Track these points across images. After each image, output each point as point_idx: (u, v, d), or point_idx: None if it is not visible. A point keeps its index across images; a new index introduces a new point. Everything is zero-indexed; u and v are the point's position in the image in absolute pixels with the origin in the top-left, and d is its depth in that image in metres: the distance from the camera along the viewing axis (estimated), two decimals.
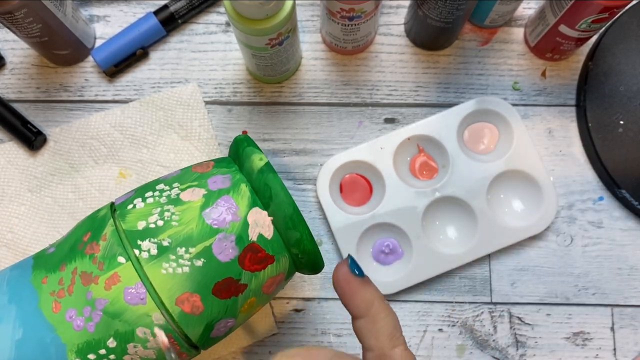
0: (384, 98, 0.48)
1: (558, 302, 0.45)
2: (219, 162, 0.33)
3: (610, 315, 0.45)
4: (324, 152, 0.47)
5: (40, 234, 0.46)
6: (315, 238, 0.46)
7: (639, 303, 0.45)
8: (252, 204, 0.30)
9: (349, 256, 0.28)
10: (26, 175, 0.46)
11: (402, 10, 0.49)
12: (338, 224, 0.44)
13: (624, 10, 0.45)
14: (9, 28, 0.41)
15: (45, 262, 0.31)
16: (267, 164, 0.30)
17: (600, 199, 0.47)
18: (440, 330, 0.45)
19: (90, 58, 0.48)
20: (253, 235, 0.30)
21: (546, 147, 0.47)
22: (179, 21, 0.48)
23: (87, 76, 0.48)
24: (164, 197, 0.30)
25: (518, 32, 0.49)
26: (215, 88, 0.48)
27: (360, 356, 0.27)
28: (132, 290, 0.28)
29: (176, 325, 0.29)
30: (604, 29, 0.47)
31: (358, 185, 0.46)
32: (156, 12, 0.47)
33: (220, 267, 0.29)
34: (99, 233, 0.30)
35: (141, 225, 0.29)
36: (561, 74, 0.48)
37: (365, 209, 0.45)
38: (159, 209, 0.30)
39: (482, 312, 0.45)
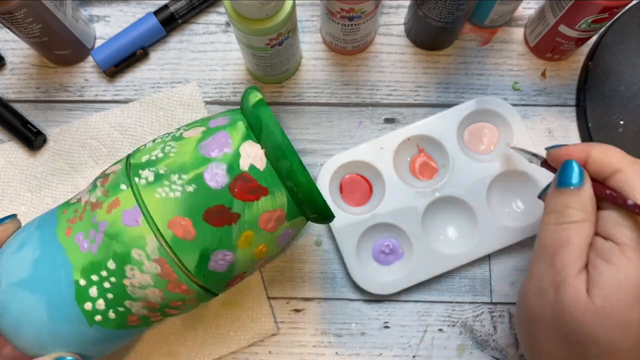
0: (384, 98, 0.48)
1: None
2: (224, 112, 0.35)
3: None
4: (324, 152, 0.47)
5: None
6: (315, 238, 0.46)
7: None
8: (246, 137, 0.32)
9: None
10: (26, 175, 0.46)
11: (402, 10, 0.49)
12: (338, 224, 0.44)
13: (624, 10, 0.45)
14: (9, 28, 0.41)
15: (68, 202, 0.35)
16: (261, 99, 0.32)
17: None
18: (440, 330, 0.45)
19: (90, 58, 0.48)
20: (244, 165, 0.31)
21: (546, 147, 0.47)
22: (179, 21, 0.48)
23: (87, 76, 0.48)
24: (169, 137, 0.33)
25: (518, 32, 0.49)
26: (215, 88, 0.48)
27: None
28: (129, 213, 0.30)
29: (170, 248, 0.31)
30: (604, 29, 0.47)
31: (358, 186, 0.46)
32: (156, 12, 0.47)
33: (210, 193, 0.31)
34: (112, 168, 0.34)
35: (144, 158, 0.32)
36: (561, 74, 0.48)
37: (365, 209, 0.45)
38: (162, 145, 0.33)
39: (482, 312, 0.45)
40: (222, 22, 0.49)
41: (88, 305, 0.31)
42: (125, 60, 0.47)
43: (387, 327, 0.45)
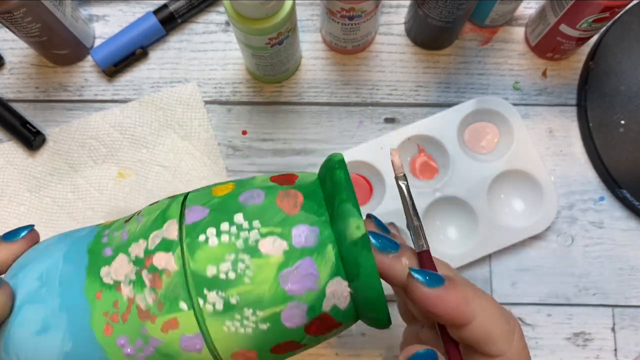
0: (384, 98, 0.48)
1: (559, 303, 0.45)
2: (307, 199, 0.29)
3: (611, 316, 0.45)
4: (324, 152, 0.47)
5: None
6: None
7: (639, 303, 0.45)
8: (335, 273, 0.27)
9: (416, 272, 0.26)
10: (25, 175, 0.46)
11: (402, 9, 0.49)
12: None
13: (624, 9, 0.45)
14: (8, 28, 0.41)
15: (99, 268, 0.29)
16: (364, 236, 0.26)
17: (601, 199, 0.46)
18: None
19: (89, 58, 0.48)
20: (327, 307, 0.27)
21: (547, 147, 0.47)
22: (179, 21, 0.48)
23: (86, 76, 0.48)
24: (241, 241, 0.27)
25: (519, 32, 0.49)
26: (215, 88, 0.48)
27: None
28: (190, 339, 0.27)
29: None
30: (604, 28, 0.47)
31: (358, 185, 0.46)
32: (155, 12, 0.47)
33: (285, 332, 0.28)
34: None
35: (211, 271, 0.26)
36: (562, 74, 0.48)
37: (366, 209, 0.45)
38: (233, 256, 0.27)
39: None
40: (222, 22, 0.49)
41: None
42: (124, 59, 0.47)
43: None
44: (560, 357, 0.45)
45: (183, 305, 0.27)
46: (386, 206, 0.44)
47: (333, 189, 0.28)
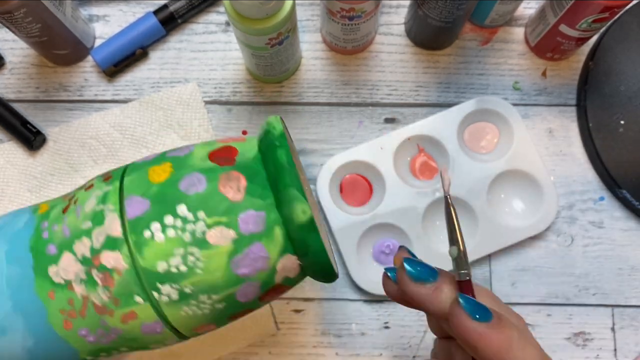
0: (384, 98, 0.48)
1: (558, 303, 0.45)
2: (251, 182, 0.28)
3: (611, 316, 0.45)
4: (324, 152, 0.47)
5: None
6: None
7: (639, 303, 0.45)
8: (284, 251, 0.28)
9: (460, 295, 0.23)
10: (26, 175, 0.46)
11: (402, 9, 0.49)
12: (338, 224, 0.44)
13: (624, 9, 0.45)
14: (8, 28, 0.41)
15: (46, 267, 0.29)
16: (311, 219, 0.27)
17: (601, 199, 0.46)
18: None
19: (89, 58, 0.48)
20: (278, 280, 0.29)
21: (546, 147, 0.47)
22: (179, 21, 0.48)
23: (86, 76, 0.48)
24: (188, 234, 0.27)
25: (518, 32, 0.49)
26: (215, 88, 0.48)
27: None
28: (149, 325, 0.28)
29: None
30: (604, 28, 0.47)
31: (358, 185, 0.46)
32: (156, 12, 0.47)
33: (240, 305, 0.29)
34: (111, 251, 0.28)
35: (162, 267, 0.27)
36: (562, 74, 0.48)
37: (366, 209, 0.45)
38: (182, 250, 0.27)
39: None
40: (222, 22, 0.49)
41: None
42: (124, 59, 0.47)
43: (387, 327, 0.45)
44: (560, 357, 0.45)
45: (138, 299, 0.27)
46: (386, 206, 0.44)
47: (276, 172, 0.28)
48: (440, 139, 0.45)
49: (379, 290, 0.44)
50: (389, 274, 0.27)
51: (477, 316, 0.22)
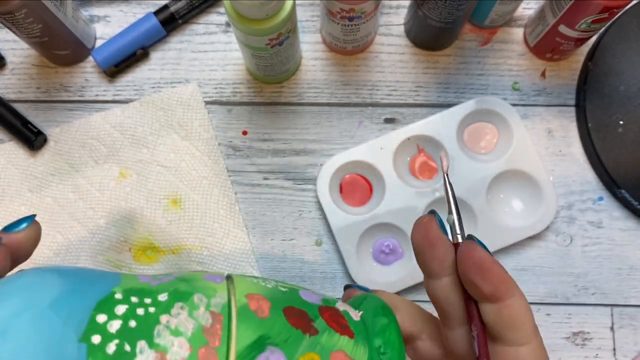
0: (384, 98, 0.48)
1: (558, 302, 0.45)
2: None
3: (610, 315, 0.45)
4: (324, 152, 0.47)
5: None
6: (316, 238, 0.46)
7: (638, 303, 0.45)
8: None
9: (470, 236, 0.26)
10: (26, 175, 0.46)
11: (402, 10, 0.49)
12: (338, 224, 0.44)
13: (623, 10, 0.45)
14: (9, 28, 0.41)
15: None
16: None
17: (600, 199, 0.47)
18: None
19: (90, 58, 0.48)
20: (340, 306, 0.30)
21: (546, 147, 0.47)
22: (179, 21, 0.48)
23: (87, 76, 0.48)
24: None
25: (518, 32, 0.49)
26: (216, 88, 0.48)
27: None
28: (212, 276, 0.28)
29: (236, 310, 0.27)
30: (603, 29, 0.47)
31: (358, 186, 0.46)
32: (156, 13, 0.47)
33: (300, 300, 0.29)
34: None
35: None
36: (561, 74, 0.48)
37: (365, 209, 0.45)
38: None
39: None
40: (222, 22, 0.49)
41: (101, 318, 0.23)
42: (125, 60, 0.47)
43: None
44: (559, 356, 0.45)
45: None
46: (386, 206, 0.44)
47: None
48: (440, 139, 0.45)
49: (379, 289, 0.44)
50: (437, 221, 0.29)
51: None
